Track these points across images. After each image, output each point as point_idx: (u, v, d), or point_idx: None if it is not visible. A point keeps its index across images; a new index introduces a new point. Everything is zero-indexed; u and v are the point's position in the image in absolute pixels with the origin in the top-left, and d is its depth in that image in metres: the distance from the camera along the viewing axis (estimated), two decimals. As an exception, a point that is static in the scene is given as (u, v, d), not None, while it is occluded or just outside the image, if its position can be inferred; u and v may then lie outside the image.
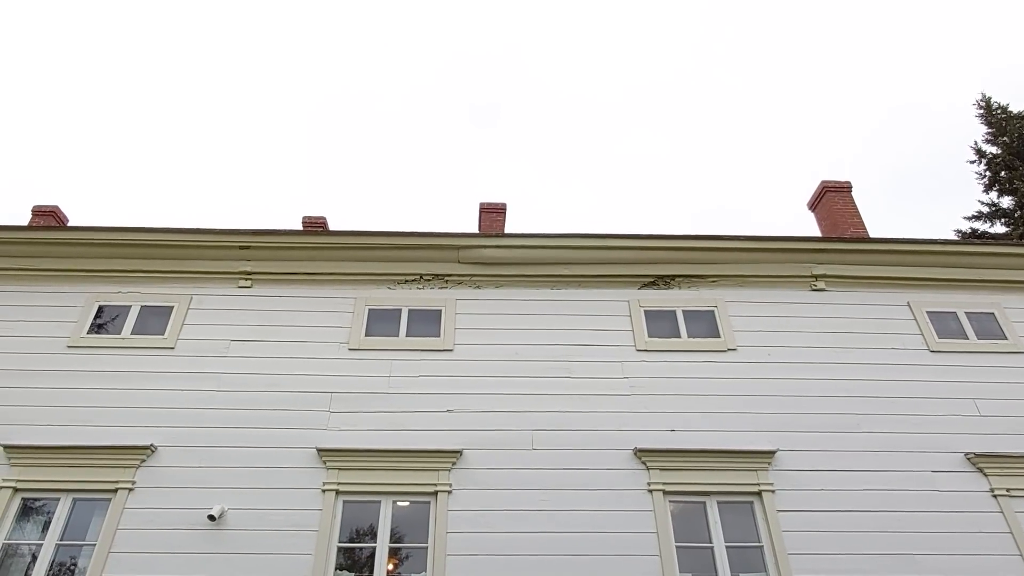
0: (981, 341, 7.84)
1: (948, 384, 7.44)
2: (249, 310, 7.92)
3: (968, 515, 6.55)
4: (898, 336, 7.87)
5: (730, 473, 6.72)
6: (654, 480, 6.65)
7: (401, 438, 6.89)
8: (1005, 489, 6.67)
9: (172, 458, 6.68)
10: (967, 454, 6.90)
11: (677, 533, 6.39)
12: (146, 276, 8.12)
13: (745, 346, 7.76)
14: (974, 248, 8.47)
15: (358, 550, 6.36)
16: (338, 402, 7.14)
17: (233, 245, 8.17)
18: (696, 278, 8.33)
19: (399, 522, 6.50)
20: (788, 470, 6.77)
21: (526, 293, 8.18)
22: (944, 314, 8.08)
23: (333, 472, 6.60)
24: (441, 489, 6.53)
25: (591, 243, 8.26)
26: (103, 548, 6.13)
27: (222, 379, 7.27)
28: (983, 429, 7.11)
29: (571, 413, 7.12)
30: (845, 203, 10.93)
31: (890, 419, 7.17)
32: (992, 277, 8.27)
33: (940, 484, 6.74)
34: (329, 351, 7.57)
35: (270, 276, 8.19)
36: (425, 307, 8.02)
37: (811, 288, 8.31)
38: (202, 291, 8.06)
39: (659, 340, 7.78)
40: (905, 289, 8.28)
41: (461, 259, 8.27)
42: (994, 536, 6.43)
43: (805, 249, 8.34)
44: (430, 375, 7.40)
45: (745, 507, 6.59)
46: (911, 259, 8.32)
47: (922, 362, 7.65)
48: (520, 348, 7.65)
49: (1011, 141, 19.48)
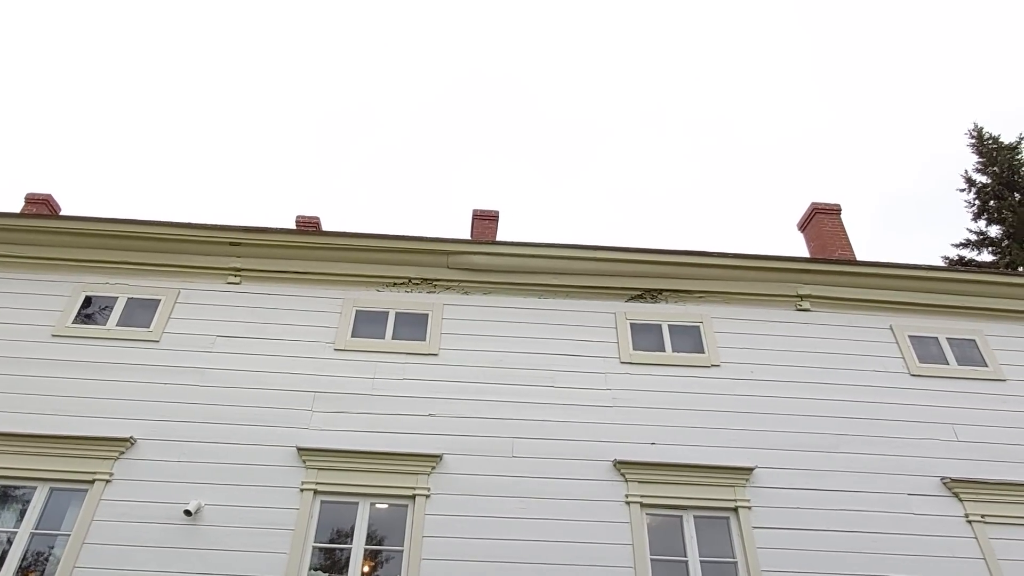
0: (961, 367, 7.91)
1: (927, 408, 7.50)
2: (236, 306, 7.92)
3: (942, 539, 6.59)
4: (880, 359, 7.92)
5: (708, 488, 6.74)
6: (632, 492, 6.66)
7: (382, 440, 6.89)
8: (980, 515, 6.72)
9: (151, 451, 6.66)
10: (943, 479, 6.95)
11: (653, 546, 6.40)
12: (134, 268, 8.11)
13: (729, 362, 7.81)
14: (957, 275, 8.55)
15: (335, 551, 6.34)
16: (321, 402, 7.14)
17: (224, 241, 8.18)
18: (683, 293, 8.39)
19: (377, 524, 6.49)
20: (765, 487, 6.81)
21: (514, 301, 8.21)
22: (926, 339, 8.14)
23: (312, 472, 6.59)
24: (419, 493, 6.53)
25: (580, 254, 8.31)
26: (78, 538, 6.10)
27: (206, 374, 7.26)
28: (960, 454, 7.17)
29: (553, 422, 7.13)
30: (834, 225, 11.04)
31: (869, 440, 7.22)
32: (975, 304, 8.35)
33: (915, 507, 6.78)
34: (315, 351, 7.57)
35: (259, 273, 8.19)
36: (412, 311, 8.05)
37: (796, 308, 8.37)
38: (190, 286, 8.06)
39: (644, 353, 7.82)
40: (889, 313, 8.36)
41: (450, 264, 8.31)
42: (967, 561, 6.47)
43: (792, 269, 8.40)
44: (414, 379, 7.41)
45: (721, 522, 6.61)
46: (895, 283, 8.39)
47: (902, 385, 7.70)
48: (505, 355, 7.67)
49: (1001, 171, 19.73)
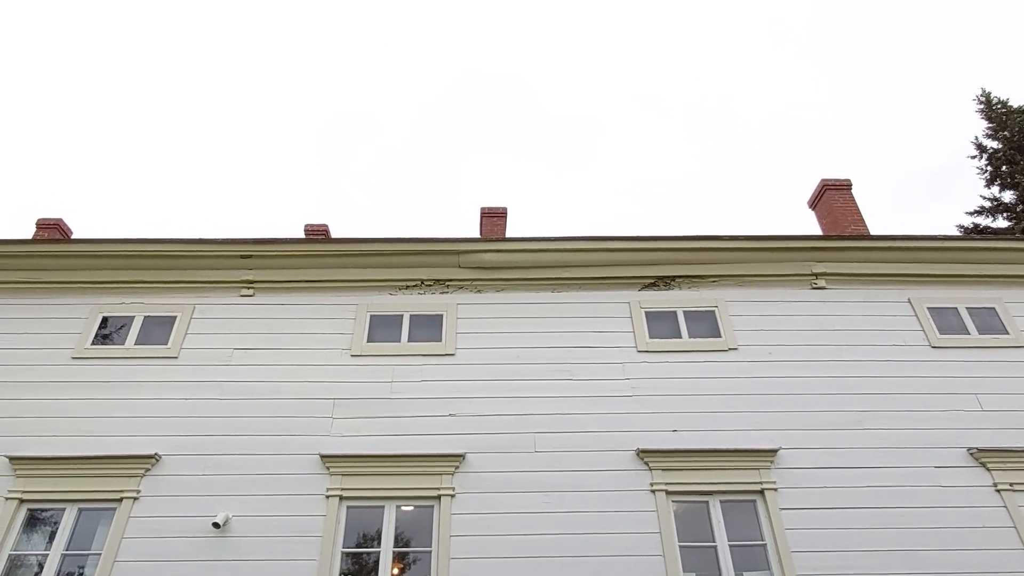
0: (982, 336, 7.82)
1: (950, 380, 7.42)
2: (251, 318, 7.98)
3: (971, 510, 6.53)
4: (899, 333, 7.85)
5: (732, 472, 6.71)
6: (657, 480, 6.65)
7: (404, 443, 6.92)
8: (1008, 484, 6.66)
9: (176, 467, 6.72)
10: (970, 449, 6.89)
11: (680, 533, 6.39)
12: (149, 287, 8.18)
13: (746, 345, 7.76)
14: (974, 243, 8.44)
15: (363, 555, 6.37)
16: (341, 408, 7.17)
17: (235, 254, 8.23)
18: (696, 278, 8.34)
19: (403, 527, 6.52)
20: (790, 468, 6.77)
21: (527, 296, 8.21)
22: (945, 310, 8.06)
23: (336, 478, 6.63)
24: (444, 493, 6.55)
25: (591, 246, 8.28)
26: (108, 557, 6.17)
27: (225, 387, 7.32)
28: (985, 424, 7.09)
29: (573, 415, 7.13)
30: (845, 201, 10.92)
31: (892, 416, 7.16)
32: (992, 272, 8.25)
33: (943, 480, 6.72)
34: (331, 358, 7.61)
35: (272, 284, 8.24)
36: (426, 312, 8.06)
37: (811, 286, 8.31)
38: (205, 300, 8.11)
39: (660, 341, 7.79)
40: (906, 286, 8.27)
41: (462, 264, 8.31)
42: (997, 531, 6.41)
43: (805, 248, 8.33)
44: (432, 380, 7.42)
45: (748, 506, 6.58)
46: (911, 255, 8.31)
47: (924, 358, 7.63)
48: (521, 351, 7.67)
49: (1012, 135, 19.44)
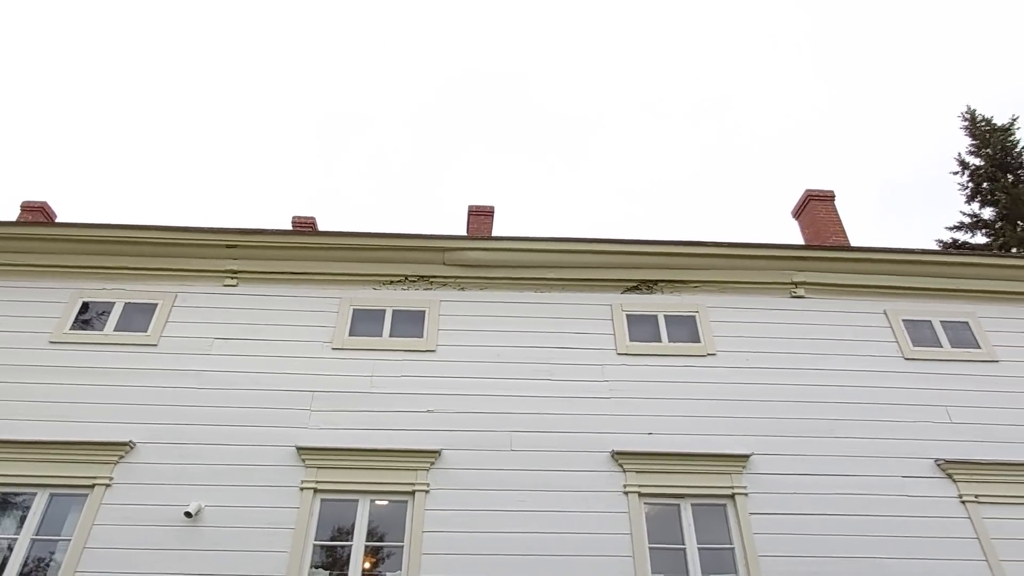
0: (955, 349, 7.96)
1: (921, 391, 7.55)
2: (234, 308, 7.96)
3: (936, 520, 6.65)
4: (874, 343, 7.98)
5: (705, 476, 6.80)
6: (630, 482, 6.72)
7: (381, 437, 6.94)
8: (973, 495, 6.79)
9: (151, 455, 6.70)
10: (937, 460, 7.01)
11: (651, 534, 6.46)
12: (131, 273, 8.14)
13: (724, 351, 7.85)
14: (950, 258, 8.58)
15: (337, 548, 6.39)
16: (320, 401, 7.18)
17: (220, 244, 8.21)
18: (679, 283, 8.42)
19: (377, 521, 6.54)
20: (762, 473, 6.86)
21: (510, 295, 8.25)
22: (919, 322, 8.19)
23: (312, 471, 6.64)
24: (419, 488, 6.58)
25: (575, 247, 8.34)
26: (78, 544, 6.14)
27: (204, 377, 7.30)
28: (954, 436, 7.23)
29: (551, 415, 7.18)
30: (828, 212, 11.07)
31: (864, 425, 7.27)
32: (967, 287, 8.40)
33: (910, 489, 6.84)
34: (312, 350, 7.61)
35: (256, 275, 8.23)
36: (409, 308, 8.08)
37: (791, 295, 8.41)
38: (187, 289, 8.09)
39: (640, 344, 7.86)
40: (882, 297, 8.40)
41: (447, 261, 8.34)
42: (961, 542, 6.53)
43: (786, 257, 8.44)
44: (412, 375, 7.45)
45: (719, 509, 6.67)
46: (889, 268, 8.43)
47: (897, 369, 7.76)
48: (502, 350, 7.71)
49: (993, 153, 19.76)
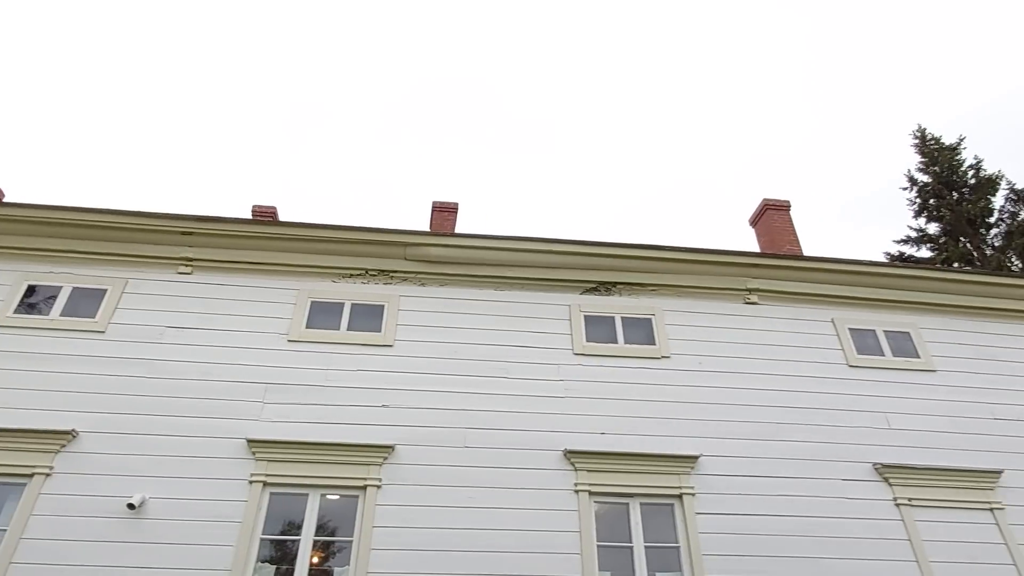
0: (896, 358, 8.28)
1: (863, 398, 7.84)
2: (187, 297, 7.80)
3: (872, 522, 6.92)
4: (821, 350, 8.23)
5: (654, 476, 6.94)
6: (581, 481, 6.81)
7: (334, 431, 6.89)
8: (907, 499, 7.08)
9: (94, 444, 6.53)
10: (875, 465, 7.29)
11: (600, 532, 6.56)
12: (80, 257, 7.91)
13: (678, 354, 8.01)
14: (893, 270, 8.91)
15: (286, 543, 6.32)
16: (273, 393, 7.10)
17: (175, 230, 8.03)
18: (637, 286, 8.56)
19: (330, 515, 6.50)
20: (709, 474, 7.03)
21: (470, 293, 8.27)
22: (864, 331, 8.48)
23: (262, 463, 6.56)
24: (371, 483, 6.57)
25: (536, 247, 8.40)
26: (14, 534, 5.96)
27: (153, 365, 7.14)
28: (892, 441, 7.52)
29: (505, 413, 7.23)
30: (783, 221, 11.36)
31: (807, 429, 7.52)
32: (910, 298, 8.73)
33: (849, 492, 7.10)
34: (267, 342, 7.51)
35: (212, 264, 8.08)
36: (368, 302, 8.04)
37: (745, 301, 8.63)
38: (139, 275, 7.90)
39: (597, 345, 7.97)
40: (831, 306, 8.67)
41: (408, 256, 8.32)
42: (894, 543, 6.81)
43: (741, 263, 8.65)
44: (368, 370, 7.42)
45: (666, 509, 6.81)
46: (837, 277, 8.70)
47: (841, 376, 8.03)
48: (460, 347, 7.73)
49: (941, 171, 20.58)
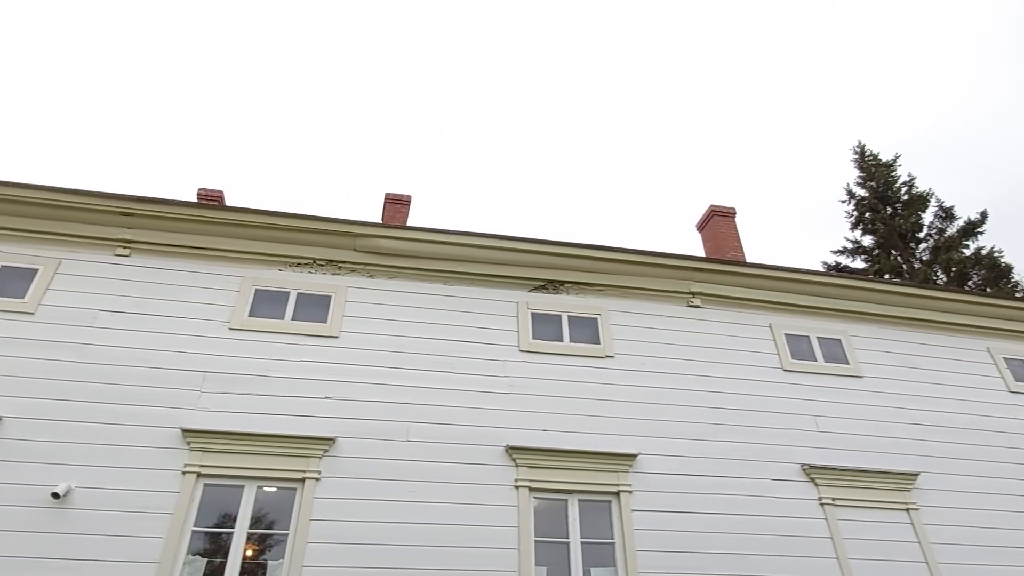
0: (827, 364, 8.65)
1: (794, 401, 8.17)
2: (124, 280, 7.54)
3: (799, 520, 7.23)
4: (758, 354, 8.54)
5: (594, 473, 7.07)
6: (521, 477, 6.89)
7: (274, 423, 6.78)
8: (831, 499, 7.43)
9: (19, 431, 6.25)
10: (803, 465, 7.62)
11: (538, 528, 6.65)
12: (10, 234, 7.55)
13: (622, 354, 8.18)
14: (828, 279, 9.31)
15: (221, 536, 6.20)
16: (211, 382, 6.93)
17: (114, 210, 7.75)
18: (584, 285, 8.69)
19: (268, 508, 6.40)
20: (647, 473, 7.22)
21: (418, 286, 8.25)
22: (799, 337, 8.84)
23: (196, 454, 6.40)
24: (309, 476, 6.49)
25: (487, 243, 8.43)
26: (-70, 522, 5.68)
27: (85, 350, 6.89)
28: (819, 444, 7.87)
29: (449, 408, 7.25)
30: (729, 228, 11.73)
31: (742, 430, 7.80)
32: (841, 307, 9.14)
33: (777, 492, 7.40)
34: (208, 329, 7.33)
35: (152, 246, 7.83)
36: (315, 292, 7.93)
37: (688, 304, 8.87)
38: (73, 255, 7.59)
39: (542, 343, 8.06)
40: (769, 312, 9.00)
41: (358, 247, 8.23)
42: (818, 540, 7.14)
43: (685, 267, 8.88)
44: (312, 361, 7.32)
45: (603, 505, 6.96)
46: (775, 284, 9.05)
47: (775, 379, 8.35)
48: (406, 340, 7.71)
49: (877, 187, 21.56)
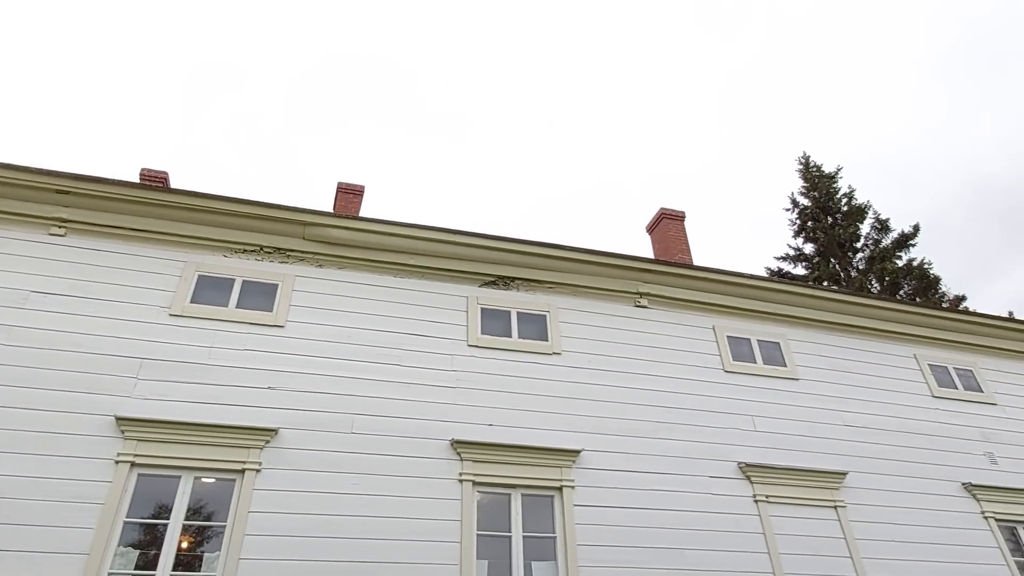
0: (766, 366, 8.98)
1: (734, 401, 8.45)
2: (58, 260, 7.23)
3: (733, 517, 7.50)
4: (701, 355, 8.80)
5: (537, 468, 7.16)
6: (466, 471, 6.92)
7: (215, 412, 6.62)
8: (765, 496, 7.72)
9: (-63, 416, 5.95)
10: (740, 464, 7.89)
11: (480, 522, 6.69)
12: (-68, 209, 7.15)
13: (569, 351, 8.29)
14: (766, 284, 9.65)
15: (157, 527, 6.03)
16: (148, 369, 6.72)
17: (49, 188, 7.41)
18: (534, 282, 8.77)
19: (207, 499, 6.25)
20: (589, 468, 7.35)
21: (368, 278, 8.17)
22: (740, 339, 9.15)
23: (131, 443, 6.20)
24: (250, 467, 6.37)
25: (439, 236, 8.41)
26: None
27: (13, 333, 6.58)
28: (756, 443, 8.17)
29: (395, 400, 7.22)
30: (677, 230, 12.00)
31: (683, 428, 8.02)
32: (781, 311, 9.50)
33: (715, 489, 7.65)
34: (146, 314, 7.10)
35: (90, 227, 7.52)
36: (261, 280, 7.76)
37: (636, 304, 9.05)
38: (3, 233, 7.23)
39: (491, 338, 8.10)
40: (712, 314, 9.27)
41: (307, 236, 8.10)
42: (751, 536, 7.41)
43: (633, 268, 9.05)
44: (256, 350, 7.17)
45: (546, 500, 7.05)
46: (719, 288, 9.32)
47: (716, 380, 8.61)
48: (354, 332, 7.63)
49: (819, 197, 22.43)
